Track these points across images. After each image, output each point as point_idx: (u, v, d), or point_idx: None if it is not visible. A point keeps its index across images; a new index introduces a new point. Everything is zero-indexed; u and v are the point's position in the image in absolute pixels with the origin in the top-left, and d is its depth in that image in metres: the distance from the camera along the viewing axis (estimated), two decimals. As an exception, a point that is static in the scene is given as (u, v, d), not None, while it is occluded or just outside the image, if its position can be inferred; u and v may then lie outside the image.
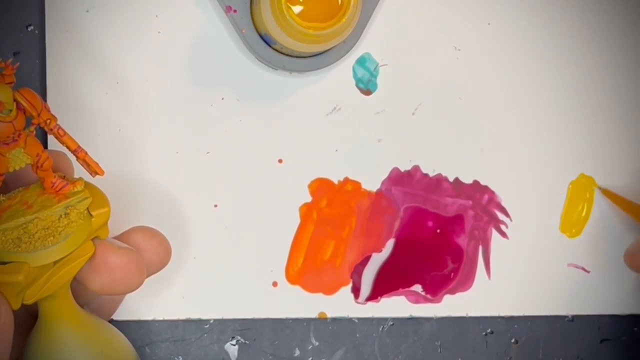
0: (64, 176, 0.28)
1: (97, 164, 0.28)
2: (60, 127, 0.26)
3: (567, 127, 0.39)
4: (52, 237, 0.25)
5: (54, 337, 0.27)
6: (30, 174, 0.28)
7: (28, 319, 0.29)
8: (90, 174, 0.28)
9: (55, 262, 0.26)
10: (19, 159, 0.26)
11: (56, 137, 0.26)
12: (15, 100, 0.25)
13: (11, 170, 0.26)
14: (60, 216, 0.26)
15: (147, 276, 0.28)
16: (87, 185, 0.28)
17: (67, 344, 0.26)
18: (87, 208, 0.27)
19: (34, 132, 0.26)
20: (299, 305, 0.38)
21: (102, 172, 0.28)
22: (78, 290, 0.29)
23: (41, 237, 0.25)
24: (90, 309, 0.31)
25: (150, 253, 0.29)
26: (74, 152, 0.27)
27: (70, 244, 0.26)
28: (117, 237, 0.29)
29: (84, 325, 0.27)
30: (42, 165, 0.26)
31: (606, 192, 0.39)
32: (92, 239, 0.27)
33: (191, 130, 0.37)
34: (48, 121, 0.26)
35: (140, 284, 0.27)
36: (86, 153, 0.27)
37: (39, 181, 0.28)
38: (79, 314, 0.27)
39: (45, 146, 0.35)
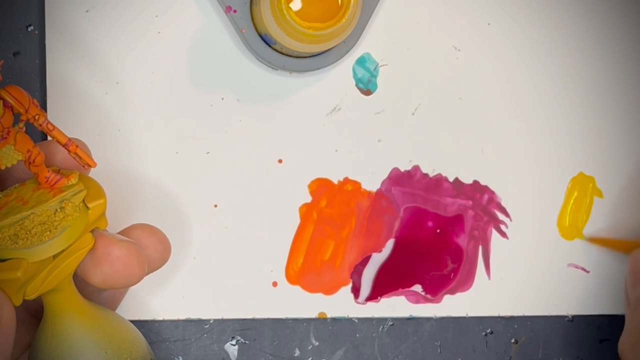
0: (59, 170, 0.28)
1: (89, 156, 0.27)
2: (49, 122, 0.26)
3: (567, 126, 0.39)
4: (48, 232, 0.25)
5: (61, 330, 0.27)
6: (26, 169, 0.28)
7: (27, 316, 0.29)
8: (83, 166, 0.28)
9: (54, 257, 0.26)
10: (10, 156, 0.26)
11: (46, 132, 0.27)
12: (1, 98, 0.25)
13: (2, 167, 0.26)
14: (56, 210, 0.26)
15: (148, 273, 0.28)
16: (83, 177, 0.28)
17: (75, 335, 0.26)
18: (84, 200, 0.27)
19: (24, 128, 0.26)
20: (299, 305, 0.38)
21: (94, 164, 0.28)
22: (78, 288, 0.29)
23: (38, 232, 0.25)
24: None
25: (150, 250, 0.28)
26: (64, 145, 0.27)
27: (67, 237, 0.26)
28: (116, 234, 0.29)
29: (91, 316, 0.27)
30: (34, 161, 0.26)
31: (593, 240, 0.39)
32: (92, 231, 0.27)
33: (191, 130, 0.37)
34: (37, 117, 0.26)
35: (142, 277, 0.27)
36: (77, 146, 0.27)
37: (34, 176, 0.28)
38: (85, 306, 0.27)
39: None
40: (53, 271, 0.26)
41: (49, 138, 0.28)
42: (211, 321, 0.38)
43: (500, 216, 0.39)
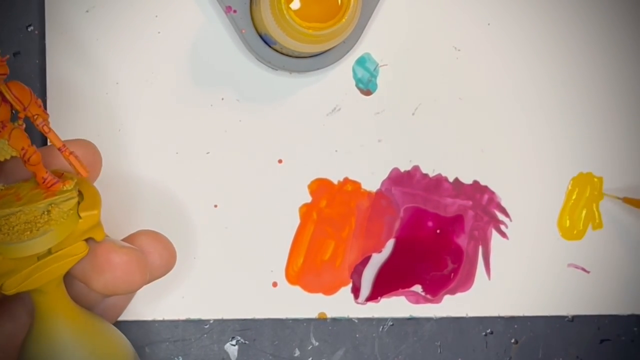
0: (62, 174, 0.28)
1: (81, 164, 0.27)
2: (45, 124, 0.26)
3: (567, 126, 0.39)
4: (29, 232, 0.25)
5: (46, 330, 0.27)
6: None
7: (29, 320, 0.29)
8: (76, 173, 0.28)
9: (39, 258, 0.25)
10: (3, 150, 0.26)
11: (44, 133, 0.27)
12: (0, 92, 0.25)
13: None
14: (43, 212, 0.26)
15: (152, 280, 0.28)
16: (84, 185, 0.28)
17: (58, 338, 0.27)
18: (77, 209, 0.26)
19: (24, 125, 0.26)
20: (299, 306, 0.38)
21: (86, 174, 0.28)
22: (82, 294, 0.29)
23: (19, 230, 0.25)
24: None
25: (155, 257, 0.28)
26: (58, 149, 0.27)
27: (46, 240, 0.25)
28: (122, 240, 0.29)
29: (77, 321, 0.27)
30: (29, 160, 0.26)
31: (628, 200, 0.39)
32: (86, 240, 0.27)
33: (191, 130, 0.37)
34: (35, 116, 0.26)
35: (143, 283, 0.27)
36: (71, 152, 0.27)
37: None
38: (73, 310, 0.27)
39: (45, 143, 0.35)
40: (37, 272, 0.26)
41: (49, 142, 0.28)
42: (211, 321, 0.38)
43: (500, 216, 0.39)
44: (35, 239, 0.25)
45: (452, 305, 0.39)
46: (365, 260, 0.38)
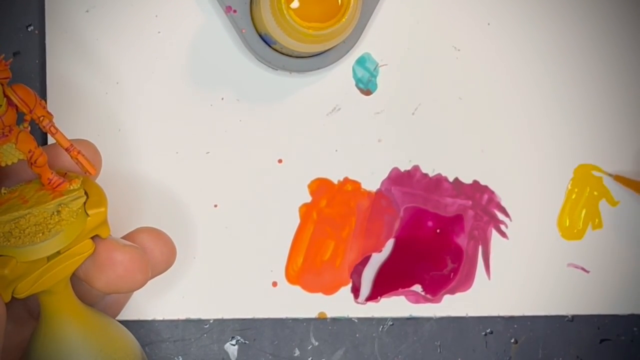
0: (65, 173, 0.28)
1: (89, 163, 0.27)
2: (52, 125, 0.26)
3: (567, 126, 0.39)
4: (41, 234, 0.25)
5: (53, 331, 0.27)
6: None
7: (28, 319, 0.29)
8: (85, 173, 0.28)
9: (49, 259, 0.25)
10: (11, 154, 0.26)
11: (50, 135, 0.27)
12: (6, 95, 0.25)
13: (2, 164, 0.26)
14: (53, 213, 0.26)
15: (153, 277, 0.28)
16: (88, 183, 0.28)
17: (66, 338, 0.27)
18: (84, 207, 0.27)
19: (29, 128, 0.26)
20: (298, 305, 0.38)
21: (94, 172, 0.28)
22: (83, 291, 0.29)
23: (31, 233, 0.25)
24: None
25: (156, 253, 0.29)
26: (66, 150, 0.27)
27: (59, 241, 0.25)
28: (123, 237, 0.29)
29: (85, 321, 0.27)
30: (35, 162, 0.26)
31: (618, 178, 0.39)
32: (92, 238, 0.27)
33: (191, 130, 0.37)
34: (41, 118, 0.26)
35: (145, 281, 0.27)
36: (79, 152, 0.27)
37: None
38: (80, 310, 0.27)
39: (45, 143, 0.35)
40: (47, 273, 0.26)
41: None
42: (211, 321, 0.38)
43: (500, 216, 0.39)
44: (47, 241, 0.25)
45: (452, 305, 0.39)
46: (365, 260, 0.38)
